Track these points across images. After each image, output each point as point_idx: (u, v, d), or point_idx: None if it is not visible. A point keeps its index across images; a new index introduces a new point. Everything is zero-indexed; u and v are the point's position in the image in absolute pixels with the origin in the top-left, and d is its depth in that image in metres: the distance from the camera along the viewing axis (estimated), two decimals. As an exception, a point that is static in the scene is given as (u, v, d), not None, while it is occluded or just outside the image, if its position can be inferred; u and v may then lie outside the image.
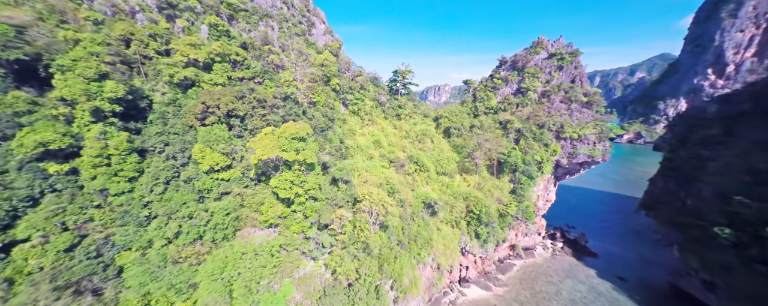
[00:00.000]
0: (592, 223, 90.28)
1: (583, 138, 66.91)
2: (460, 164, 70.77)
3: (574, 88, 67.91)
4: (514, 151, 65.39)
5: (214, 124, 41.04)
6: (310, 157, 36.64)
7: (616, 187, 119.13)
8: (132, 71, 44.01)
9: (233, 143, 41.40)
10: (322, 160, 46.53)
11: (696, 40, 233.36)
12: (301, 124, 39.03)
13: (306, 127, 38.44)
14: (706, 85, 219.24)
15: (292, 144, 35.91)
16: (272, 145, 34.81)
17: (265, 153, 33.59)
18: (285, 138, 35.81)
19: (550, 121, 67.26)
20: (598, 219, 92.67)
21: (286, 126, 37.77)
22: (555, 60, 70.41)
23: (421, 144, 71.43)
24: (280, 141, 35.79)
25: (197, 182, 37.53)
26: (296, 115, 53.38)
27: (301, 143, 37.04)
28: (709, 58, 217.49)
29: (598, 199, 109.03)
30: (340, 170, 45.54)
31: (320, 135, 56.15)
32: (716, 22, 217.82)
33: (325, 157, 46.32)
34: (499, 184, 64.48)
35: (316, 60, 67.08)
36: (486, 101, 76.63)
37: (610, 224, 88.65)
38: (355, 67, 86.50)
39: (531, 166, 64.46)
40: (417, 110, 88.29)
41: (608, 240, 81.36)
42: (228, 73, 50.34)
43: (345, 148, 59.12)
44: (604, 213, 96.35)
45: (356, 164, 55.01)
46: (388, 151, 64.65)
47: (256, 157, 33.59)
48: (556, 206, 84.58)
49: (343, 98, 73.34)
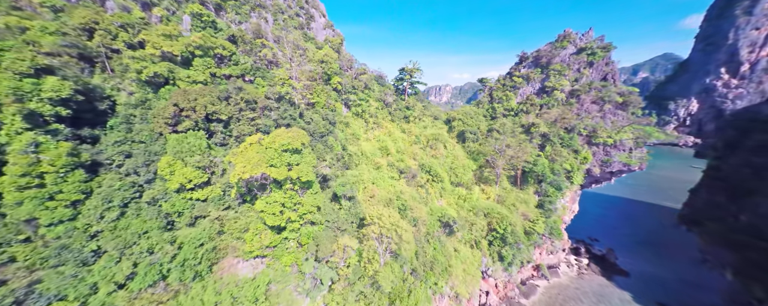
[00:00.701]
0: (619, 236, 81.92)
1: (618, 144, 58.83)
2: (477, 173, 62.94)
3: (608, 87, 59.85)
4: (540, 158, 57.42)
5: (188, 130, 33.47)
6: (306, 174, 29.00)
7: (641, 194, 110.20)
8: (94, 67, 36.59)
9: (212, 154, 33.83)
10: (322, 172, 38.88)
11: (708, 39, 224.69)
12: (296, 131, 31.41)
13: (301, 135, 30.83)
14: (719, 84, 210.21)
15: (284, 157, 28.30)
16: (258, 159, 27.22)
17: (248, 170, 26.00)
18: (274, 149, 28.21)
19: (581, 124, 59.26)
20: (625, 231, 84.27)
21: (276, 134, 30.17)
22: (585, 55, 62.42)
23: (433, 150, 63.67)
24: (268, 153, 28.18)
25: (165, 204, 30.00)
26: (291, 118, 45.84)
27: (294, 156, 29.40)
28: (722, 57, 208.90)
29: (622, 207, 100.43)
30: (343, 186, 37.89)
31: (319, 141, 48.57)
32: (730, 19, 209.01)
33: (326, 169, 38.65)
34: (523, 197, 56.55)
35: (316, 56, 59.54)
36: (505, 102, 68.68)
37: (640, 238, 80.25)
38: (358, 65, 78.94)
39: (560, 176, 56.47)
40: (426, 112, 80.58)
41: (640, 256, 72.98)
42: (211, 69, 42.83)
43: (348, 156, 51.50)
44: (630, 224, 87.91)
45: (361, 175, 47.34)
46: (396, 158, 56.95)
47: (237, 174, 25.97)
48: (576, 215, 76.63)
49: (345, 99, 65.77)
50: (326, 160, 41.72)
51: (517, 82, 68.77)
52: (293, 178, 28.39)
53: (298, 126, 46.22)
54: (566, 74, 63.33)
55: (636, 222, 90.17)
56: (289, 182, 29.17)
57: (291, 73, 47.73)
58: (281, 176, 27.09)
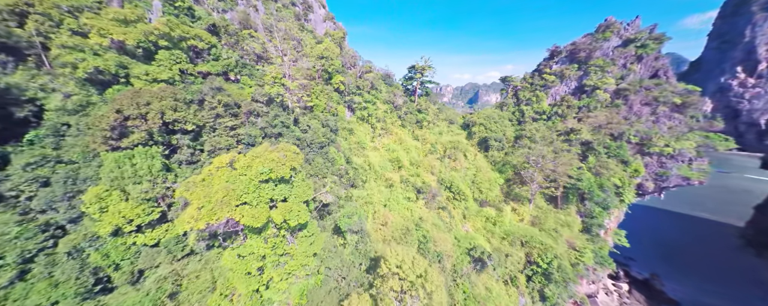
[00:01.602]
0: (662, 256, 71.43)
1: (677, 153, 48.88)
2: (504, 188, 53.27)
3: (662, 86, 49.95)
4: (584, 172, 47.61)
5: (137, 146, 24.29)
6: (296, 214, 19.64)
7: (683, 204, 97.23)
8: (24, 61, 27.68)
9: (170, 179, 24.58)
10: (322, 200, 29.52)
11: (722, 36, 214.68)
12: (284, 148, 22.10)
13: (291, 154, 21.55)
14: (735, 84, 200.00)
15: (263, 191, 19.01)
16: (223, 195, 17.99)
17: (205, 214, 16.73)
18: (250, 179, 18.93)
19: (630, 130, 49.40)
20: (670, 250, 73.70)
21: (254, 154, 20.89)
22: (632, 48, 52.65)
23: (453, 161, 54.14)
24: (240, 185, 18.94)
25: (94, 254, 20.82)
26: (283, 126, 36.65)
27: (280, 187, 20.09)
28: (738, 55, 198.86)
29: (662, 221, 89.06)
30: (349, 217, 28.55)
31: (318, 153, 39.30)
32: (746, 16, 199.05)
33: (327, 196, 29.23)
34: (565, 219, 46.75)
35: (314, 51, 50.42)
36: (535, 103, 58.94)
37: (688, 259, 69.65)
38: (363, 62, 69.76)
39: (609, 194, 46.62)
40: (440, 115, 71.10)
41: (691, 283, 62.39)
42: (182, 64, 33.76)
43: (353, 170, 42.16)
44: (675, 242, 77.26)
45: (371, 196, 37.98)
46: (411, 173, 47.52)
47: (186, 222, 16.65)
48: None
49: (348, 101, 56.53)
50: (327, 180, 32.30)
51: (548, 80, 59.06)
52: (278, 222, 19.01)
53: (292, 135, 37.05)
54: (610, 71, 53.58)
55: (682, 240, 79.24)
56: (272, 227, 19.82)
57: (284, 71, 38.62)
58: (258, 222, 17.80)
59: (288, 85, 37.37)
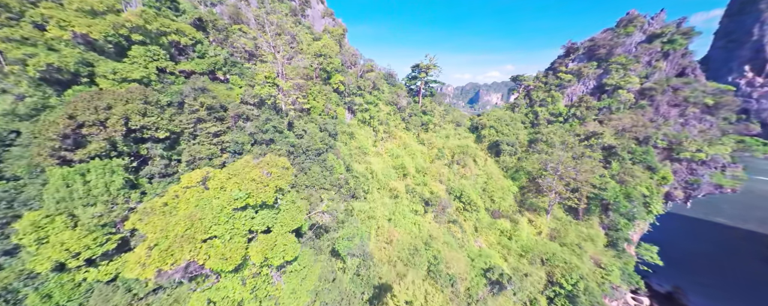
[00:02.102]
0: (684, 267, 66.63)
1: (709, 159, 44.43)
2: (517, 197, 48.96)
3: (693, 85, 45.54)
4: (608, 180, 43.26)
5: (94, 158, 20.20)
6: (282, 251, 15.45)
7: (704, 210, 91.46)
8: (-31, 58, 23.66)
9: (134, 198, 20.44)
10: (318, 221, 25.34)
11: (729, 35, 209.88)
12: (269, 162, 17.98)
13: (277, 167, 17.45)
14: (743, 83, 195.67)
15: (238, 220, 14.87)
16: (186, 227, 13.87)
17: (157, 258, 12.61)
18: (221, 205, 14.79)
19: (657, 134, 45.00)
20: (692, 260, 68.86)
21: (233, 170, 16.77)
22: (658, 43, 48.26)
23: (462, 167, 49.89)
24: (209, 212, 14.82)
25: (32, 296, 16.74)
26: (276, 131, 32.56)
27: (263, 214, 15.94)
28: (745, 54, 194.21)
29: (682, 227, 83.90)
30: (349, 240, 24.39)
31: (315, 161, 35.19)
32: (754, 14, 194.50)
33: (323, 217, 25.03)
34: (587, 232, 42.36)
35: (311, 48, 46.34)
36: (550, 104, 54.58)
37: (715, 271, 64.82)
38: (364, 61, 65.71)
39: (637, 204, 42.25)
40: (447, 116, 66.88)
41: (718, 298, 57.70)
42: (159, 62, 29.69)
43: (354, 179, 38.01)
44: (697, 251, 72.34)
45: (374, 210, 33.80)
46: (417, 181, 43.33)
47: (131, 269, 12.53)
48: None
49: (349, 102, 52.49)
50: (323, 196, 28.12)
51: (563, 79, 54.69)
52: (258, 262, 14.82)
53: (286, 142, 32.94)
54: (633, 69, 49.18)
55: (705, 248, 74.23)
56: (251, 265, 15.65)
57: (277, 69, 34.52)
58: (230, 263, 13.62)
59: (281, 85, 33.27)
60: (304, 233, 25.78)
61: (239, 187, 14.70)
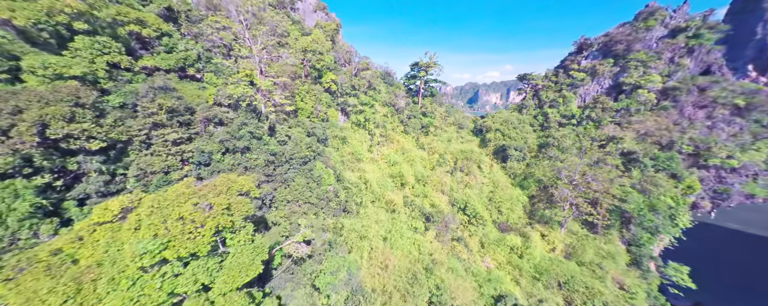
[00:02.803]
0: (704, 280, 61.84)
1: (740, 167, 39.99)
2: (526, 207, 44.46)
3: (721, 85, 41.12)
4: (630, 191, 38.77)
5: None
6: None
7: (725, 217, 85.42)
8: None
9: (41, 230, 15.74)
10: (293, 253, 20.67)
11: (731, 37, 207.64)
12: (223, 184, 13.57)
13: (232, 190, 13.01)
14: None
15: (152, 282, 10.25)
16: (62, 302, 9.26)
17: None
18: (123, 265, 10.12)
19: (683, 138, 40.57)
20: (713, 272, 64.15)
21: (159, 202, 12.17)
22: (682, 38, 43.81)
23: (466, 175, 45.36)
24: (107, 274, 10.18)
25: None
26: (253, 137, 27.95)
27: (196, 266, 11.29)
28: (749, 53, 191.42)
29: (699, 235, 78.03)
30: (332, 275, 19.78)
31: (298, 171, 30.55)
32: (757, 13, 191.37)
33: (299, 248, 20.37)
34: (607, 249, 37.82)
35: (299, 43, 41.71)
36: (560, 105, 50.09)
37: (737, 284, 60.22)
38: (360, 59, 61.14)
39: (662, 217, 37.77)
40: (448, 118, 62.36)
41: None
42: (112, 57, 25.02)
43: (344, 191, 33.40)
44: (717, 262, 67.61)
45: (367, 228, 29.19)
46: (417, 192, 38.77)
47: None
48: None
49: (342, 103, 47.90)
50: (301, 220, 23.45)
51: (576, 78, 50.20)
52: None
53: (265, 150, 28.31)
54: (653, 66, 44.72)
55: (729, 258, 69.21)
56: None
57: (254, 65, 29.86)
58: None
59: (258, 83, 28.61)
60: (278, 265, 21.20)
61: (156, 230, 10.10)
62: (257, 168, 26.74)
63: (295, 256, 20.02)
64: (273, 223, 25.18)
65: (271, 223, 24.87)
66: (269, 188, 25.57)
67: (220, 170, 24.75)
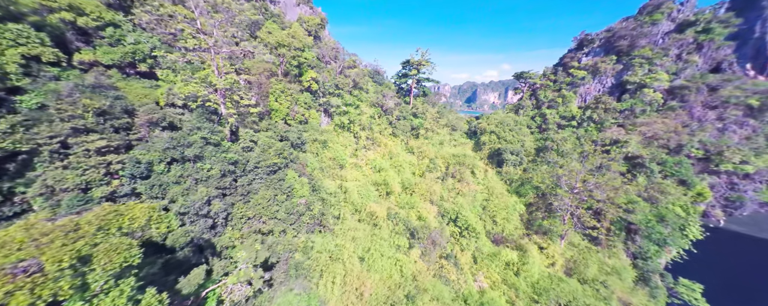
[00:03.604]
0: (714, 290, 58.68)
1: (754, 172, 36.84)
2: (523, 216, 41.00)
3: (734, 83, 37.91)
4: (636, 200, 35.43)
5: None
6: None
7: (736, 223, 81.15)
8: None
9: None
10: (227, 298, 16.78)
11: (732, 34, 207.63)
12: (94, 222, 9.53)
13: (131, 220, 9.04)
14: None
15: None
16: None
17: None
18: None
19: (692, 141, 37.34)
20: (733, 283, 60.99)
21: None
22: (691, 33, 40.55)
23: (458, 181, 41.79)
24: None
25: None
26: (206, 143, 24.03)
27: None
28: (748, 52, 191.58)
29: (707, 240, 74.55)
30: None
31: (265, 181, 26.71)
32: (757, 11, 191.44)
33: (237, 290, 16.49)
34: (611, 264, 34.47)
35: (273, 38, 37.78)
36: (560, 106, 46.68)
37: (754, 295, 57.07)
38: (346, 56, 57.32)
39: (672, 228, 34.49)
40: (441, 119, 58.75)
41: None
42: (30, 49, 20.98)
43: (320, 202, 29.62)
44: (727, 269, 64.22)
45: (342, 248, 25.46)
46: (403, 202, 35.12)
47: None
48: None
49: (324, 104, 44.09)
50: (240, 253, 19.68)
51: (576, 76, 46.80)
52: None
53: (221, 158, 24.40)
54: (660, 63, 41.43)
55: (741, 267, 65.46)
56: None
57: (210, 60, 25.91)
58: None
59: (214, 81, 24.69)
60: None
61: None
62: (211, 180, 22.87)
63: (230, 301, 16.13)
64: (225, 246, 21.33)
65: (220, 248, 21.02)
66: (220, 205, 21.66)
67: (162, 184, 20.86)
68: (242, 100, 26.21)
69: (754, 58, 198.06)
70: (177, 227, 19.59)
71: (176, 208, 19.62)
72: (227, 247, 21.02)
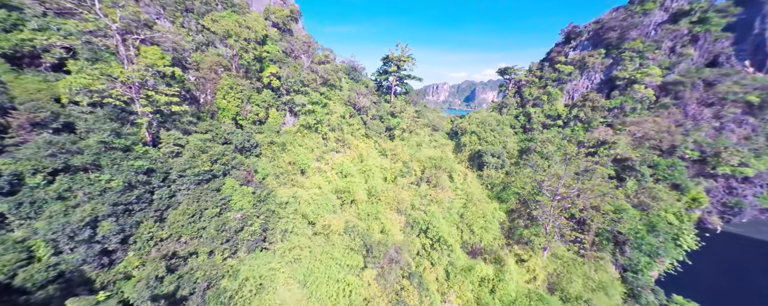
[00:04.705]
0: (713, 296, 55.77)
1: (755, 176, 33.58)
2: (504, 224, 37.44)
3: (732, 78, 34.60)
4: (625, 207, 31.98)
5: None
6: None
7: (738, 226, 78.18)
8: None
9: None
10: None
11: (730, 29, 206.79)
12: None
13: None
14: None
15: None
16: None
17: None
18: None
19: (686, 142, 34.00)
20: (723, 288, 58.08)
21: None
22: (685, 24, 37.12)
23: (432, 187, 38.07)
24: None
25: None
26: (106, 148, 19.92)
27: None
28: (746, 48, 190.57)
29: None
30: None
31: (192, 194, 22.69)
32: (757, 7, 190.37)
33: None
34: (598, 278, 30.99)
35: (219, 26, 33.58)
36: (545, 104, 43.12)
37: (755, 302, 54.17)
38: (320, 51, 53.17)
39: (665, 239, 31.14)
40: (421, 119, 54.94)
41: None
42: None
43: (263, 215, 25.66)
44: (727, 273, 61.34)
45: (275, 271, 21.63)
46: (365, 213, 31.26)
47: None
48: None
49: (288, 101, 40.08)
50: None
51: (563, 72, 43.24)
52: None
53: (125, 168, 20.28)
54: (652, 57, 37.98)
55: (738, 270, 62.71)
56: None
57: (115, 47, 21.78)
58: None
59: (118, 73, 20.54)
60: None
61: None
62: (109, 194, 18.80)
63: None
64: (111, 280, 17.16)
65: (105, 282, 16.87)
66: (112, 226, 17.56)
67: (35, 201, 16.78)
68: (160, 97, 22.09)
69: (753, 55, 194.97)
70: (47, 256, 15.58)
71: (43, 232, 15.56)
72: (114, 280, 16.97)
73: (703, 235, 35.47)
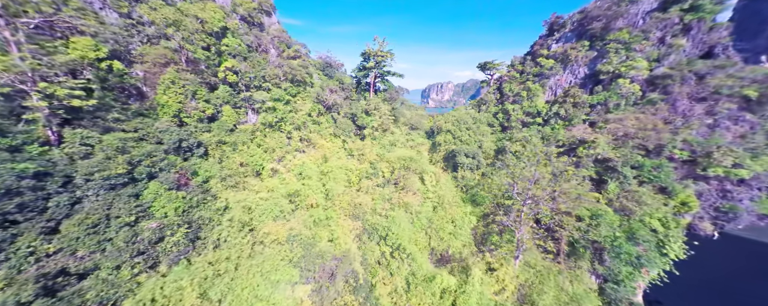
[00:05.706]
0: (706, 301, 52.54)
1: (751, 178, 30.36)
2: (477, 229, 34.55)
3: (726, 70, 31.37)
4: (603, 212, 28.97)
5: None
6: None
7: None
8: None
9: None
10: None
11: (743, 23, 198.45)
12: None
13: None
14: None
15: None
16: None
17: None
18: None
19: (675, 141, 30.90)
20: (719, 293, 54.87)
21: None
22: (676, 12, 33.84)
23: (401, 191, 35.19)
24: None
25: None
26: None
27: None
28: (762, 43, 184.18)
29: None
30: None
31: (103, 198, 20.03)
32: None
33: None
34: (572, 290, 28.05)
35: (157, 15, 30.79)
36: (525, 100, 40.05)
37: None
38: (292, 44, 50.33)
39: (649, 247, 28.12)
40: (400, 118, 51.99)
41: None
42: None
43: (191, 224, 22.97)
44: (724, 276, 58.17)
45: (179, 295, 18.88)
46: (316, 219, 28.42)
47: None
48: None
49: (247, 98, 37.40)
50: None
51: (545, 66, 40.07)
52: None
53: (10, 173, 17.66)
54: (639, 48, 34.73)
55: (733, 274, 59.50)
56: None
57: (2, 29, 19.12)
58: None
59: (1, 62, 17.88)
60: None
61: None
62: (-17, 202, 16.20)
63: None
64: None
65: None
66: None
67: None
68: (59, 91, 19.38)
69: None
70: None
71: None
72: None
73: (693, 242, 32.23)
